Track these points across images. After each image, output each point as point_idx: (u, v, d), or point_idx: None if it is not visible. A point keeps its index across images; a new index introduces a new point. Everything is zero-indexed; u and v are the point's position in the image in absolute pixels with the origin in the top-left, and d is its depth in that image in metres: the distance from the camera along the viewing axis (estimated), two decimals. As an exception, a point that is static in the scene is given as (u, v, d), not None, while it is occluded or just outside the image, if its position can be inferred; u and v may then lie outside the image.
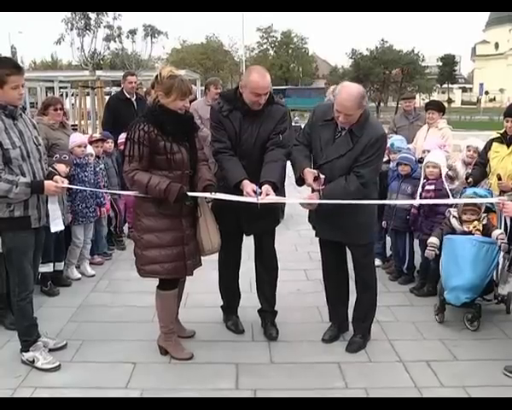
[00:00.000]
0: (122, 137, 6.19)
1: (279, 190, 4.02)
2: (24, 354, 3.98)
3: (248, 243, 4.45)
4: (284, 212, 8.04)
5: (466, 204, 4.71)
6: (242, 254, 4.53)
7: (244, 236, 4.41)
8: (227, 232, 4.15)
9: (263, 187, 3.83)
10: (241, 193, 3.90)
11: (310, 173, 3.89)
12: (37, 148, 3.87)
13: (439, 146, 6.01)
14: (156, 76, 3.79)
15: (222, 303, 4.66)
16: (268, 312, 4.52)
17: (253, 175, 3.92)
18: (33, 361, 3.93)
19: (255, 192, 3.83)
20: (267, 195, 3.80)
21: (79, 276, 5.79)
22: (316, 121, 4.07)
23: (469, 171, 5.54)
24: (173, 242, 3.83)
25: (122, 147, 4.30)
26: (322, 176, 3.87)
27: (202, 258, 4.09)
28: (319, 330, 4.50)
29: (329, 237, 4.23)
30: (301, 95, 43.20)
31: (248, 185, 3.86)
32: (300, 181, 4.01)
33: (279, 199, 4.07)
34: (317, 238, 4.37)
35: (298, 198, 4.27)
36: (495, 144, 5.21)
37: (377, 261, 6.14)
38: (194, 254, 3.97)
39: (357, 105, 3.77)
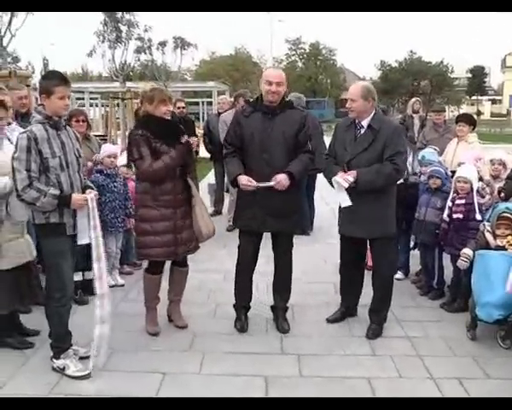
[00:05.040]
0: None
1: (296, 182, 4.45)
2: (55, 360, 4.02)
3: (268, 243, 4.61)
4: (313, 224, 8.00)
5: (499, 218, 4.66)
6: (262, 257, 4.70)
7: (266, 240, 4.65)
8: (245, 229, 4.54)
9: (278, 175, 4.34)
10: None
11: (338, 168, 4.45)
12: (78, 159, 3.99)
13: (476, 158, 5.90)
14: (142, 93, 4.52)
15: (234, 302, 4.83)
16: (280, 308, 4.73)
17: (274, 168, 4.41)
18: (64, 369, 3.96)
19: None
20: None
21: (112, 283, 5.79)
22: (339, 131, 4.69)
23: (501, 185, 5.46)
24: (165, 230, 4.40)
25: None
26: (350, 172, 4.31)
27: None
28: (349, 343, 4.50)
29: (355, 234, 4.54)
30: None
31: (243, 178, 4.37)
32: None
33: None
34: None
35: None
36: None
37: (399, 274, 6.06)
38: (188, 241, 4.55)
39: (361, 93, 4.38)
